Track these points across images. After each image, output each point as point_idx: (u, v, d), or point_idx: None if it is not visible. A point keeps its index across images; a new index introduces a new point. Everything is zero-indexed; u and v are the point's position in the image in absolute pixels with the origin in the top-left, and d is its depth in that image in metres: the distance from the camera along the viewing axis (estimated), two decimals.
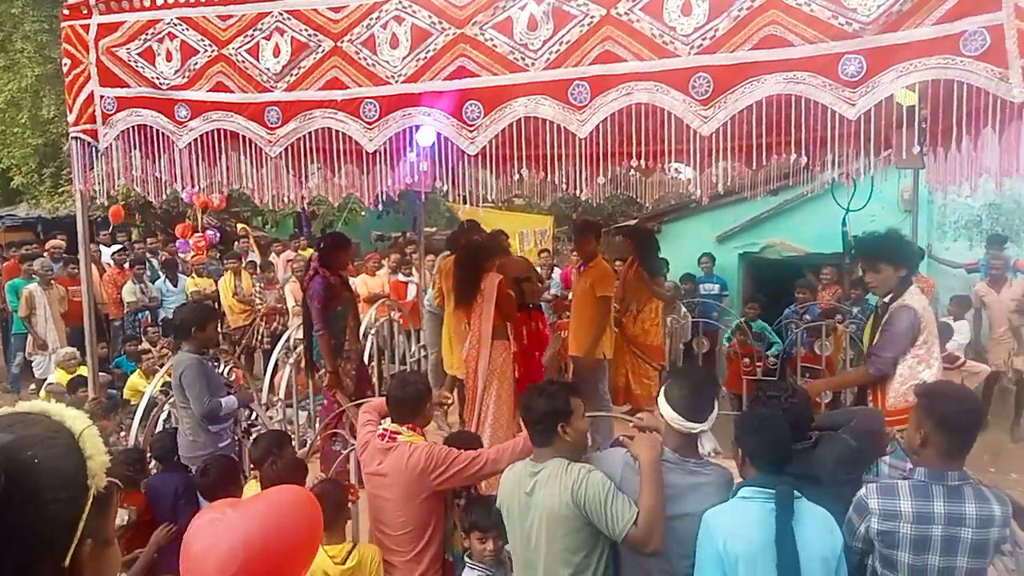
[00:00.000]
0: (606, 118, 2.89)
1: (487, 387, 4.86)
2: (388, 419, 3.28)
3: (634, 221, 11.23)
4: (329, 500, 3.02)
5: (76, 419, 0.86)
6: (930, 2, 2.46)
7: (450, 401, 4.74)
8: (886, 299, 3.66)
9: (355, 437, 4.55)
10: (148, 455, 4.31)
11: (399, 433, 3.06)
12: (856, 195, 5.17)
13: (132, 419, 4.91)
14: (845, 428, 2.81)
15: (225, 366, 6.68)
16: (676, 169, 5.85)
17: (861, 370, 3.75)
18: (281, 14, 3.31)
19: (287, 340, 6.64)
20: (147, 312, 9.17)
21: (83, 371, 6.38)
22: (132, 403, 6.05)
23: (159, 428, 4.89)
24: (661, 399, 2.59)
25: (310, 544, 1.71)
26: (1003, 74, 2.40)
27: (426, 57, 3.10)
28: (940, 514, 2.24)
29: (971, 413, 2.37)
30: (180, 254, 11.02)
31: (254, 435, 5.19)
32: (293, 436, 5.73)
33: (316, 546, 1.85)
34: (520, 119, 3.03)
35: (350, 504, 3.25)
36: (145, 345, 7.88)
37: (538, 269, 8.00)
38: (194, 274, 9.94)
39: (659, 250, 6.68)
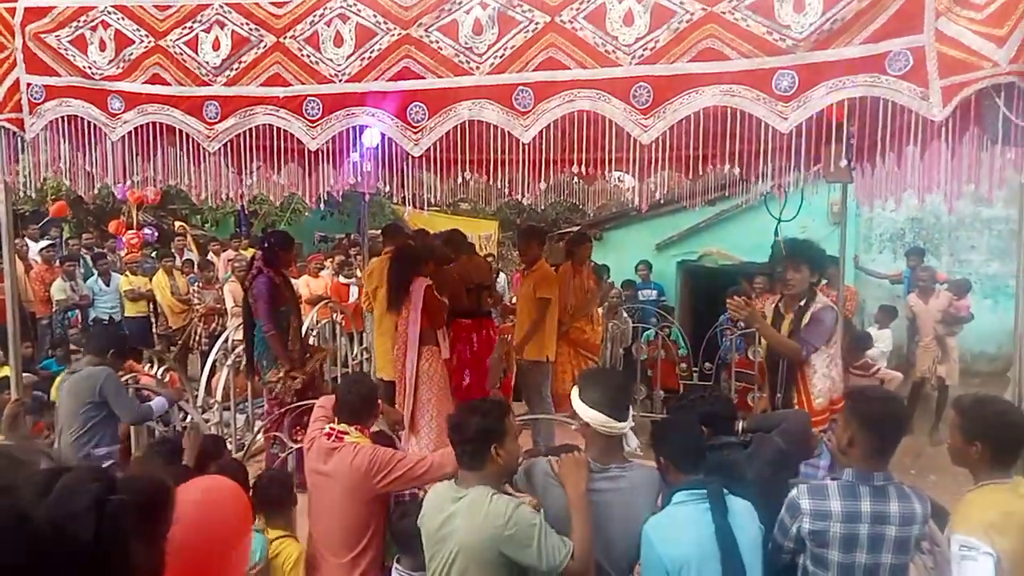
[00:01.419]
0: (549, 124, 2.91)
1: (416, 393, 4.85)
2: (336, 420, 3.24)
3: (576, 228, 11.36)
4: (275, 489, 3.09)
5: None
6: (858, 22, 2.55)
7: (402, 429, 4.68)
8: (801, 303, 4.03)
9: (294, 441, 4.48)
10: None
11: (346, 433, 3.02)
12: (787, 207, 5.35)
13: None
14: (777, 431, 2.91)
15: (160, 368, 6.48)
16: (618, 178, 5.94)
17: (795, 344, 3.95)
18: (222, 7, 3.23)
19: (225, 341, 6.48)
20: (76, 311, 8.83)
21: (6, 371, 6.08)
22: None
23: None
24: (580, 406, 2.48)
25: (240, 533, 1.70)
26: (924, 93, 2.50)
27: (371, 57, 3.07)
28: (867, 513, 2.32)
29: (896, 416, 2.47)
30: (117, 250, 10.66)
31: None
32: (230, 439, 5.60)
33: (247, 535, 1.85)
34: (465, 122, 3.03)
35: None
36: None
37: None
38: (127, 272, 9.61)
39: None
